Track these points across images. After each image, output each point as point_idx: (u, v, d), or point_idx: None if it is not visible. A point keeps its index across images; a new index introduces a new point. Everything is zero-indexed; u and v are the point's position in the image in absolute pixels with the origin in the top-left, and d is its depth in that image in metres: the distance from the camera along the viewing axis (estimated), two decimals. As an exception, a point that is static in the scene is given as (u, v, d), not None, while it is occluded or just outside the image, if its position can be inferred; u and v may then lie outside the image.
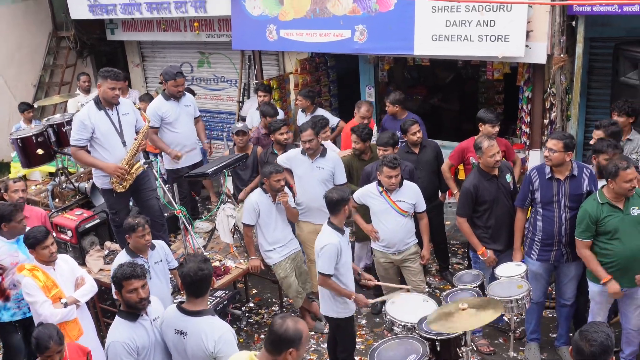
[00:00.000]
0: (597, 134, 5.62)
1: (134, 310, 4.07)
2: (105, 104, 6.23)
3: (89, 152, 6.35)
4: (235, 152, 7.30)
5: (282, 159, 6.49)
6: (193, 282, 3.91)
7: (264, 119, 7.52)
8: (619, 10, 6.11)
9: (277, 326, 3.31)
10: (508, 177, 5.71)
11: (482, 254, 5.62)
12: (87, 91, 9.64)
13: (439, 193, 6.92)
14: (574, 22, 6.52)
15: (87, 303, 5.25)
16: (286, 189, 6.08)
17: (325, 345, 6.00)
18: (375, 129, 7.97)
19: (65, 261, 5.20)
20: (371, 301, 5.50)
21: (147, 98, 8.66)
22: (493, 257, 5.62)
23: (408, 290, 5.65)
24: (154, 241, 5.38)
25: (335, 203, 5.04)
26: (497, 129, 6.18)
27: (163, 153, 7.64)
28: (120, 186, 6.30)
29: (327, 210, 5.19)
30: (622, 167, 4.73)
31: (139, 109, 6.76)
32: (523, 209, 5.49)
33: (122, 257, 5.15)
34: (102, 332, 6.29)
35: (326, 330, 6.21)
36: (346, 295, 5.17)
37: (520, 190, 5.53)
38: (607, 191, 4.89)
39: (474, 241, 5.65)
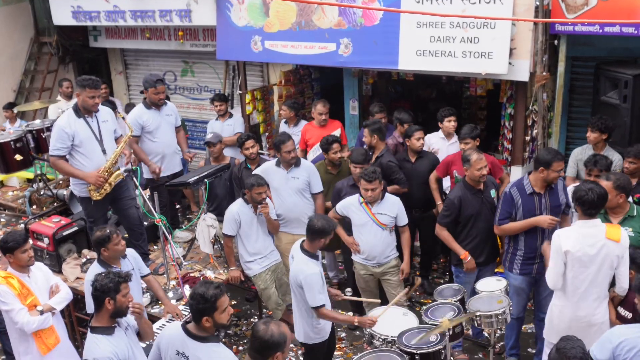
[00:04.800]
0: None
1: (114, 321, 4.03)
2: (85, 111, 6.13)
3: (67, 161, 6.24)
4: (211, 163, 7.23)
5: (258, 173, 6.42)
6: (190, 307, 3.83)
7: (401, 126, 7.17)
8: (600, 31, 6.20)
9: (262, 332, 3.35)
10: (492, 193, 5.73)
11: (464, 258, 5.65)
12: (69, 97, 9.53)
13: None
14: (556, 41, 6.62)
15: (61, 312, 5.16)
16: (267, 201, 6.04)
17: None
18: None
19: (39, 269, 5.11)
20: (375, 317, 5.12)
21: (131, 109, 8.55)
22: (474, 264, 5.65)
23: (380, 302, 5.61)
24: None
25: (316, 231, 4.85)
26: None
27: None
28: (97, 193, 6.19)
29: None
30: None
31: (123, 118, 6.65)
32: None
33: (96, 269, 4.86)
34: (77, 341, 6.18)
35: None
36: (348, 321, 5.11)
37: (501, 208, 5.46)
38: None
39: (455, 246, 5.69)
